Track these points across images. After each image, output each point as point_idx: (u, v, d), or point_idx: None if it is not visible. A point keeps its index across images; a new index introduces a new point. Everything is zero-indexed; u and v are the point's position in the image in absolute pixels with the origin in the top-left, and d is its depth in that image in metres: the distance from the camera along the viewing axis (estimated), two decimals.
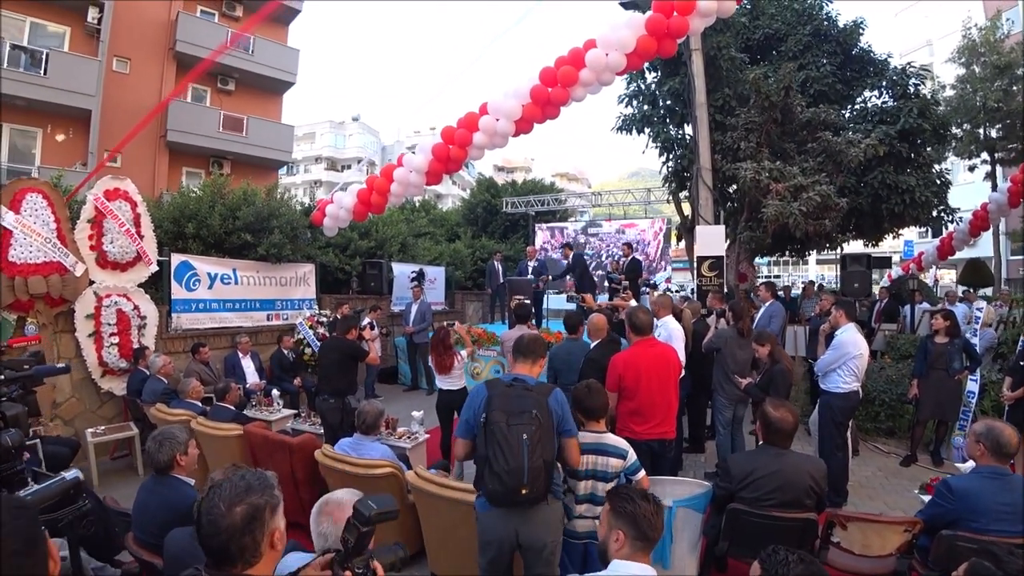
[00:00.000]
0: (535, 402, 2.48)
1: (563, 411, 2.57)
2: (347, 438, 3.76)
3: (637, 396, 3.60)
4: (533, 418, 2.42)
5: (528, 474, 2.35)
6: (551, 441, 2.48)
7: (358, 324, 5.23)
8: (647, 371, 3.63)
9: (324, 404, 4.95)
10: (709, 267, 8.50)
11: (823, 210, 8.17)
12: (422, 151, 7.71)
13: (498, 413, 2.47)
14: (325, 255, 10.15)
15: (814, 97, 10.43)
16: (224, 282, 7.83)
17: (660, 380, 3.65)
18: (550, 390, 2.61)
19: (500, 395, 2.55)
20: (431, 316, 9.62)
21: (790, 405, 2.89)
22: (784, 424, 2.80)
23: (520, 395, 2.53)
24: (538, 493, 2.41)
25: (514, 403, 2.49)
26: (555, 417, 2.52)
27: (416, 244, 13.55)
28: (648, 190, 15.77)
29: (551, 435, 2.48)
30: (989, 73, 18.39)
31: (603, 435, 2.88)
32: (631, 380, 3.62)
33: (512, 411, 2.46)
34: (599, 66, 6.67)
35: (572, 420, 2.65)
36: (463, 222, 20.36)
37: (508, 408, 2.47)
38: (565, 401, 2.64)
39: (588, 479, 2.82)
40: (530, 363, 2.81)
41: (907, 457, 5.82)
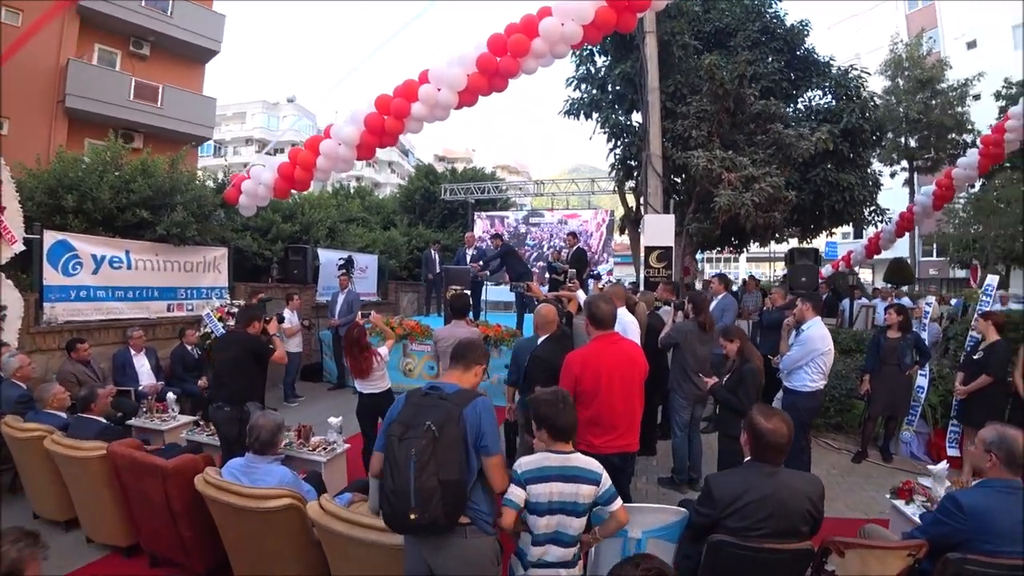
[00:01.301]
0: (443, 413, 2.12)
1: (482, 424, 2.17)
2: (237, 459, 3.00)
3: (596, 402, 3.04)
4: (426, 431, 2.05)
5: (416, 496, 1.99)
6: (455, 458, 2.07)
7: (262, 316, 4.36)
8: (609, 372, 3.07)
9: (218, 413, 4.06)
10: (657, 258, 8.15)
11: (773, 202, 7.99)
12: (353, 121, 6.88)
13: (396, 426, 2.14)
14: (242, 239, 9.12)
15: (761, 92, 10.35)
16: (114, 266, 6.70)
17: (624, 383, 3.10)
18: (470, 399, 2.21)
19: (410, 405, 2.23)
20: (359, 307, 8.77)
21: (783, 414, 2.41)
22: (778, 437, 2.31)
23: (430, 405, 2.18)
24: (435, 519, 2.02)
25: (418, 414, 2.14)
26: (470, 431, 2.14)
27: (346, 230, 12.60)
28: (592, 180, 15.45)
29: (455, 451, 2.08)
30: (912, 86, 19.64)
31: (571, 456, 2.32)
32: (590, 383, 3.05)
33: (411, 423, 2.11)
34: (553, 36, 6.09)
35: (495, 436, 2.22)
36: (400, 210, 19.47)
37: (408, 420, 2.14)
38: (489, 411, 2.23)
39: (553, 513, 2.24)
40: (461, 370, 2.45)
41: (858, 453, 5.70)
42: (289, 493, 2.68)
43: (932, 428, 5.77)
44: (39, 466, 3.83)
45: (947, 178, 12.28)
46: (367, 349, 4.50)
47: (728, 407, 3.96)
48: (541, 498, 2.22)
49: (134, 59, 16.04)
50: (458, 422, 2.12)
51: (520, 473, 2.25)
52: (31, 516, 4.16)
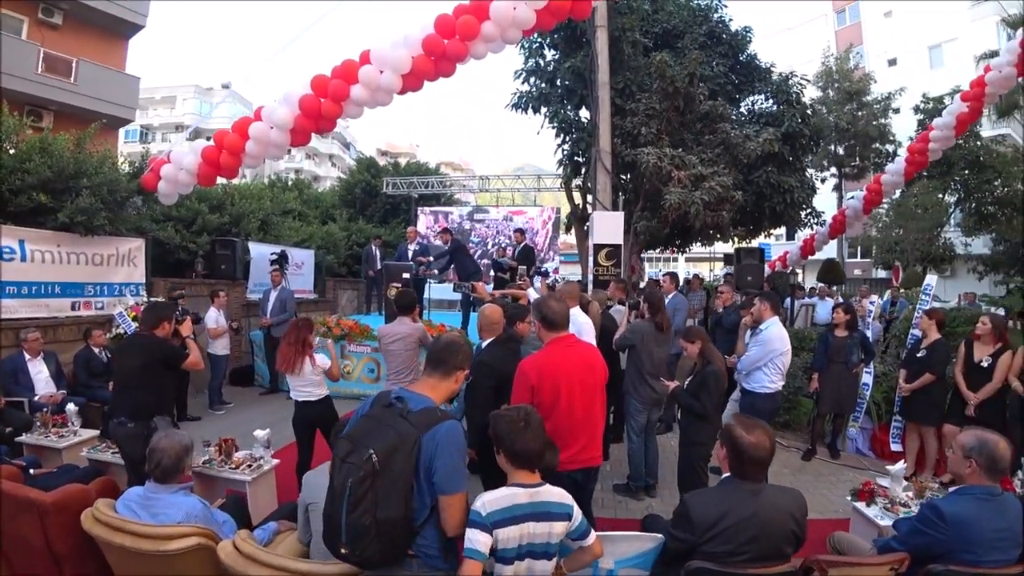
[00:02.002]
0: (395, 437, 1.79)
1: (440, 456, 1.82)
2: (136, 489, 2.52)
3: (556, 414, 2.73)
4: (366, 462, 1.73)
5: (346, 531, 1.74)
6: (399, 493, 1.77)
7: (172, 315, 3.79)
8: (568, 380, 2.76)
9: (120, 430, 3.47)
10: (606, 256, 8.00)
11: (721, 202, 8.02)
12: (287, 103, 6.33)
13: (344, 442, 1.84)
14: (163, 230, 8.35)
15: (707, 95, 10.45)
16: (4, 257, 5.88)
17: (585, 391, 2.81)
18: (433, 422, 1.85)
19: (367, 417, 1.93)
20: (293, 305, 8.20)
21: (765, 426, 2.20)
22: (760, 451, 2.11)
23: (386, 423, 1.85)
24: (368, 558, 1.78)
25: (369, 433, 1.83)
26: (424, 462, 1.81)
27: (281, 223, 11.86)
28: (538, 177, 15.29)
29: (401, 485, 1.77)
30: (841, 97, 20.83)
31: (540, 489, 1.99)
32: (548, 393, 2.73)
33: (358, 444, 1.80)
34: (505, 20, 5.79)
35: (454, 470, 1.85)
36: (339, 204, 18.65)
37: (358, 438, 1.83)
38: (453, 442, 1.86)
39: (522, 558, 1.91)
40: (438, 377, 2.11)
41: (808, 451, 5.72)
42: (197, 530, 2.23)
43: (876, 424, 5.92)
44: None
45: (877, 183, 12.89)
46: (309, 347, 4.09)
47: (690, 412, 3.77)
48: (510, 543, 1.87)
49: (44, 28, 14.48)
50: (411, 450, 1.79)
51: (485, 515, 1.86)
52: None
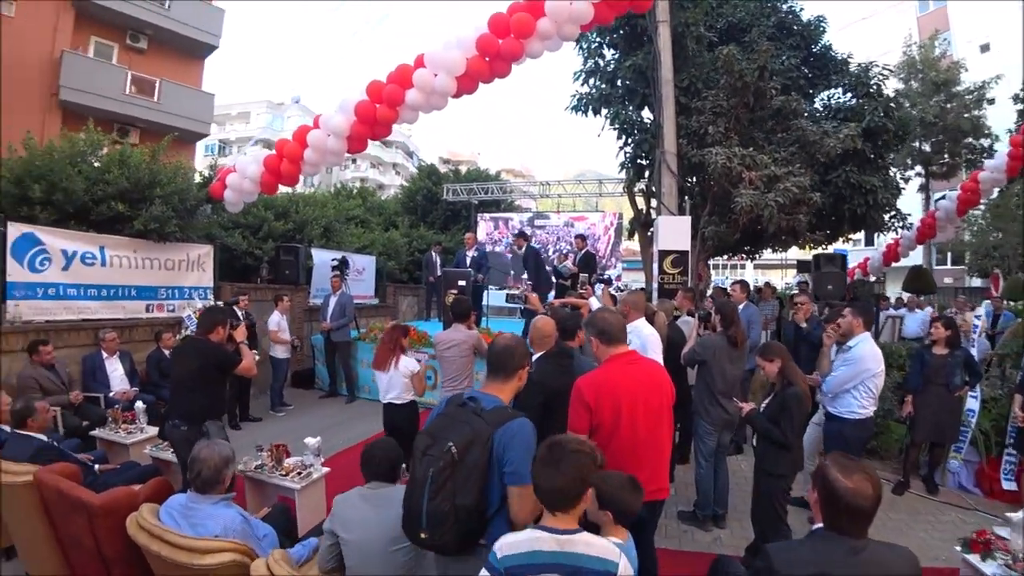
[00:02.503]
0: (470, 433, 1.92)
1: (512, 449, 1.91)
2: (179, 496, 2.47)
3: (615, 439, 2.43)
4: (446, 452, 1.89)
5: (427, 517, 1.87)
6: (474, 483, 1.89)
7: (227, 320, 3.80)
8: (631, 401, 2.46)
9: (175, 432, 3.53)
10: (672, 263, 7.59)
11: (797, 204, 7.45)
12: (343, 110, 6.38)
13: (424, 436, 2.02)
14: (231, 236, 8.63)
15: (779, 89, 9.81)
16: (86, 262, 6.21)
17: (649, 414, 2.50)
18: (505, 419, 1.97)
19: (443, 415, 2.09)
20: (353, 310, 8.27)
21: (868, 469, 1.78)
22: (861, 499, 1.70)
23: (461, 420, 2.00)
24: (446, 543, 1.90)
25: (446, 428, 1.99)
26: (496, 455, 1.92)
27: (343, 230, 12.06)
28: (600, 182, 14.93)
29: (476, 476, 1.89)
30: (927, 89, 19.08)
31: (573, 537, 1.70)
32: (607, 415, 2.43)
33: (437, 438, 1.96)
34: (561, 16, 5.58)
35: (524, 462, 1.88)
36: (402, 210, 18.95)
37: (436, 433, 1.99)
38: (523, 437, 1.95)
39: None
40: (501, 380, 2.20)
41: (899, 484, 5.05)
42: (233, 546, 2.13)
43: (984, 457, 5.10)
44: None
45: (973, 182, 11.76)
46: (400, 349, 4.35)
47: (768, 439, 3.32)
48: None
49: (131, 52, 15.65)
50: (485, 444, 1.92)
51: (499, 560, 1.69)
52: None
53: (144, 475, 3.57)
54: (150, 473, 3.65)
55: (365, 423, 6.95)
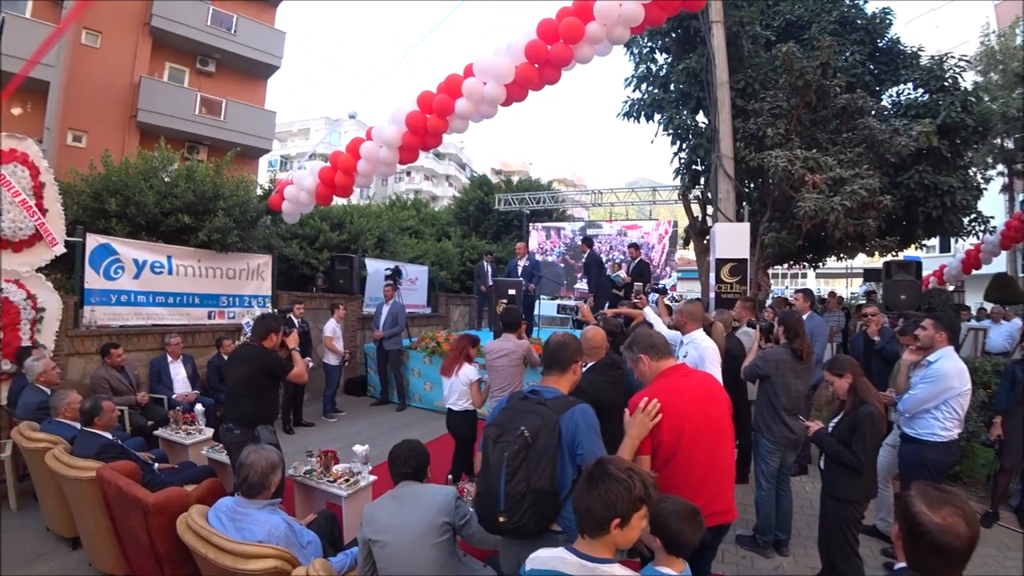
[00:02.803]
0: (538, 419, 2.07)
1: (579, 431, 2.06)
2: (227, 499, 2.50)
3: (676, 459, 2.25)
4: (519, 436, 2.03)
5: (505, 500, 1.99)
6: (547, 466, 2.01)
7: (280, 328, 3.84)
8: (691, 417, 2.27)
9: (228, 435, 3.61)
10: (730, 271, 7.29)
11: (865, 207, 7.00)
12: (394, 121, 6.49)
13: (492, 428, 2.17)
14: (289, 247, 8.91)
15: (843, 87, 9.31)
16: (155, 271, 6.54)
17: (712, 430, 2.32)
18: (568, 406, 2.13)
19: (508, 408, 2.23)
20: (405, 319, 8.36)
21: (960, 501, 1.53)
22: (952, 538, 1.42)
23: (527, 410, 2.13)
24: (524, 525, 1.99)
25: (514, 418, 2.12)
26: (565, 438, 2.06)
27: (396, 240, 12.27)
28: (653, 189, 14.62)
29: (548, 459, 2.01)
30: (1008, 81, 17.64)
31: (602, 567, 1.59)
32: (668, 433, 2.24)
33: (507, 427, 2.11)
34: (611, 18, 5.48)
35: (594, 443, 2.06)
36: (454, 221, 19.17)
37: (505, 423, 2.13)
38: (588, 420, 2.11)
39: None
40: (557, 373, 2.35)
41: (987, 515, 4.57)
42: (276, 552, 2.12)
43: None
44: (46, 479, 3.58)
45: None
46: (466, 358, 4.46)
47: (838, 461, 3.03)
48: None
49: (201, 76, 16.63)
50: (554, 429, 2.05)
51: (527, 571, 1.66)
52: (44, 528, 3.99)
53: (199, 476, 3.68)
54: (205, 474, 3.76)
55: (415, 431, 6.97)
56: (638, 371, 2.52)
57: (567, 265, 15.50)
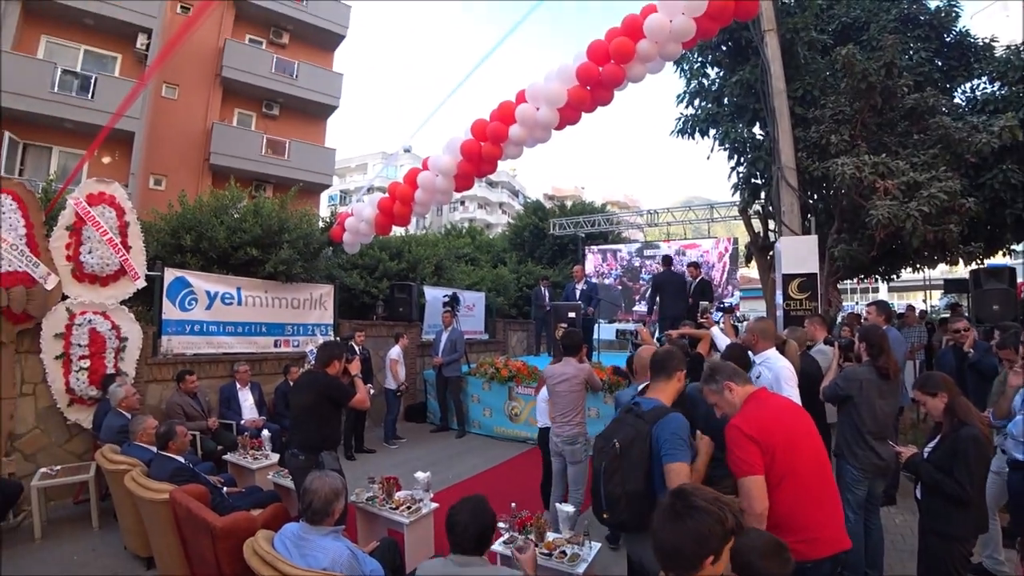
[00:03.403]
0: (632, 432, 2.34)
1: (663, 439, 2.26)
2: (293, 525, 2.50)
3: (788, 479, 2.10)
4: (611, 449, 2.35)
5: (605, 500, 2.34)
6: (639, 472, 2.28)
7: (343, 355, 3.91)
8: (797, 437, 2.17)
9: (293, 461, 3.67)
10: (799, 287, 6.90)
11: (944, 213, 6.52)
12: (449, 150, 6.61)
13: (599, 439, 2.51)
14: (349, 276, 9.18)
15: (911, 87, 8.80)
16: (225, 302, 6.87)
17: (818, 451, 2.21)
18: (660, 415, 2.34)
19: (614, 421, 2.58)
20: (463, 346, 8.38)
21: None
22: None
23: (626, 423, 2.43)
24: (622, 521, 2.35)
25: (614, 431, 2.44)
26: (656, 446, 2.29)
27: (453, 267, 12.43)
28: (711, 206, 14.22)
29: (637, 467, 2.29)
30: None
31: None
32: (783, 462, 2.10)
33: (608, 437, 2.43)
34: (662, 35, 5.41)
35: (678, 445, 2.25)
36: (509, 247, 19.28)
37: (607, 435, 2.46)
38: (673, 426, 2.29)
39: None
40: (663, 381, 2.57)
41: None
42: None
43: None
44: (125, 500, 3.76)
45: None
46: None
47: (939, 492, 2.71)
48: None
49: (266, 119, 17.66)
50: (645, 440, 2.29)
51: None
52: (122, 547, 4.16)
53: (265, 500, 3.74)
54: (271, 499, 3.82)
55: (475, 457, 6.93)
56: (723, 400, 2.38)
57: (624, 288, 15.24)
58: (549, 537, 3.13)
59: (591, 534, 3.22)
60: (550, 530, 3.23)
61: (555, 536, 3.16)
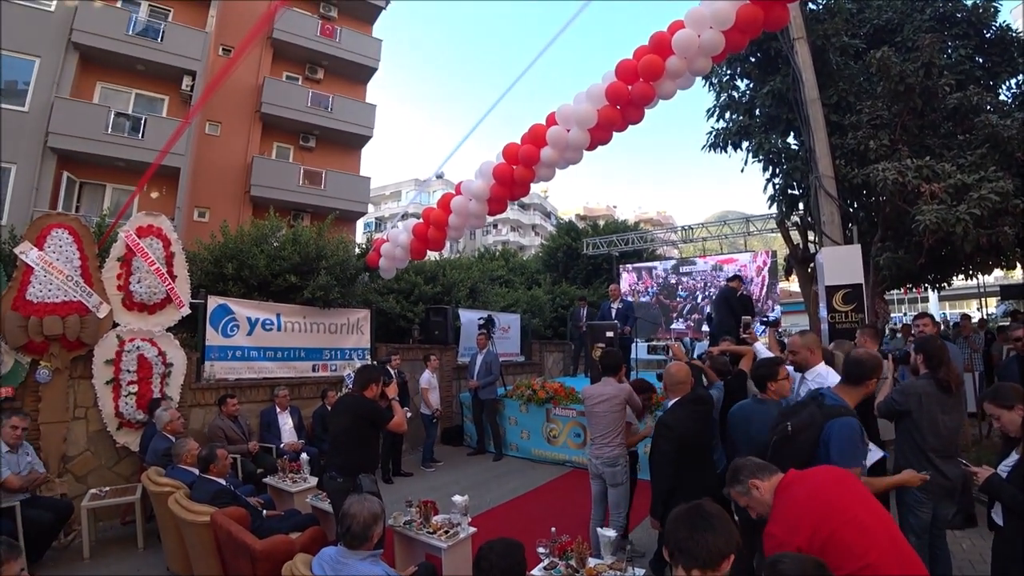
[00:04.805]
0: (808, 419, 2.51)
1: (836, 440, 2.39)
2: (331, 549, 2.48)
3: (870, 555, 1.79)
4: (783, 429, 2.54)
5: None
6: (798, 457, 2.37)
7: (380, 378, 3.89)
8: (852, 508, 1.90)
9: (331, 483, 3.66)
10: (844, 299, 6.66)
11: (997, 215, 6.21)
12: (482, 175, 6.67)
13: (778, 416, 2.76)
14: (385, 301, 9.29)
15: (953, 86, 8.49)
16: (266, 328, 7.03)
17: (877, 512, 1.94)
18: (836, 415, 2.47)
19: (796, 403, 2.81)
20: (499, 368, 8.33)
21: None
22: None
23: (804, 408, 2.61)
24: None
25: (792, 413, 2.63)
26: (823, 438, 2.44)
27: (488, 290, 12.45)
28: (747, 220, 13.94)
29: (800, 451, 2.43)
30: None
31: None
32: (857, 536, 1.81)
33: (784, 417, 2.64)
34: (690, 50, 5.36)
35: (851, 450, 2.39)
36: (543, 268, 19.28)
37: (786, 412, 2.71)
38: (844, 432, 2.40)
39: None
40: (849, 386, 2.72)
41: None
42: None
43: None
44: (169, 521, 3.83)
45: None
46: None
47: (1018, 511, 2.50)
48: None
49: (303, 151, 18.26)
50: (818, 429, 2.45)
51: None
52: (165, 568, 4.23)
53: (304, 524, 3.76)
54: (309, 522, 3.83)
55: (513, 481, 6.83)
56: (753, 501, 2.14)
57: (661, 305, 15.00)
58: (591, 563, 3.02)
59: (634, 560, 3.10)
60: (591, 555, 3.12)
61: (597, 562, 3.05)
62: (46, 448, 5.13)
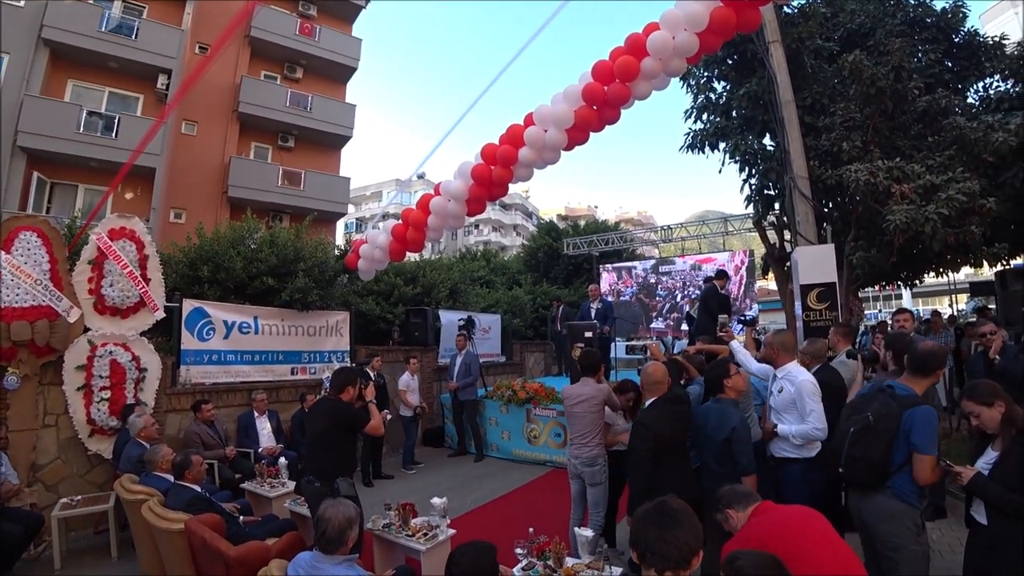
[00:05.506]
0: (885, 408, 2.69)
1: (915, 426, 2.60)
2: (306, 554, 2.47)
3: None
4: (864, 418, 2.73)
5: (845, 460, 2.75)
6: (879, 444, 2.66)
7: (356, 380, 3.85)
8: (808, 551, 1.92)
9: (308, 488, 3.64)
10: (818, 297, 6.78)
11: (964, 214, 6.38)
12: (460, 175, 6.65)
13: (848, 407, 2.98)
14: (365, 303, 9.23)
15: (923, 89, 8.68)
16: (243, 331, 6.95)
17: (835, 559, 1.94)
18: (912, 404, 2.66)
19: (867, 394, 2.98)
20: (479, 369, 8.33)
21: None
22: None
23: (880, 400, 2.77)
24: (856, 478, 2.79)
25: (867, 403, 2.82)
26: (903, 427, 2.62)
27: (468, 291, 12.43)
28: (725, 220, 14.13)
29: (881, 439, 2.65)
30: None
31: None
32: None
33: (859, 409, 2.83)
34: (665, 51, 5.39)
35: (931, 438, 2.59)
36: (524, 269, 19.29)
37: (859, 405, 2.88)
38: (926, 419, 2.61)
39: None
40: (917, 377, 2.84)
41: None
42: None
43: None
44: (143, 530, 3.74)
45: None
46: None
47: (1007, 511, 2.45)
48: None
49: (282, 151, 18.05)
50: (896, 420, 2.63)
51: None
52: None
53: (281, 529, 3.73)
54: (287, 527, 3.80)
55: (494, 481, 6.84)
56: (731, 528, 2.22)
57: (641, 304, 15.12)
58: (568, 563, 3.04)
59: (611, 559, 3.12)
60: (569, 555, 3.14)
61: (574, 562, 3.07)
62: (15, 457, 4.99)
